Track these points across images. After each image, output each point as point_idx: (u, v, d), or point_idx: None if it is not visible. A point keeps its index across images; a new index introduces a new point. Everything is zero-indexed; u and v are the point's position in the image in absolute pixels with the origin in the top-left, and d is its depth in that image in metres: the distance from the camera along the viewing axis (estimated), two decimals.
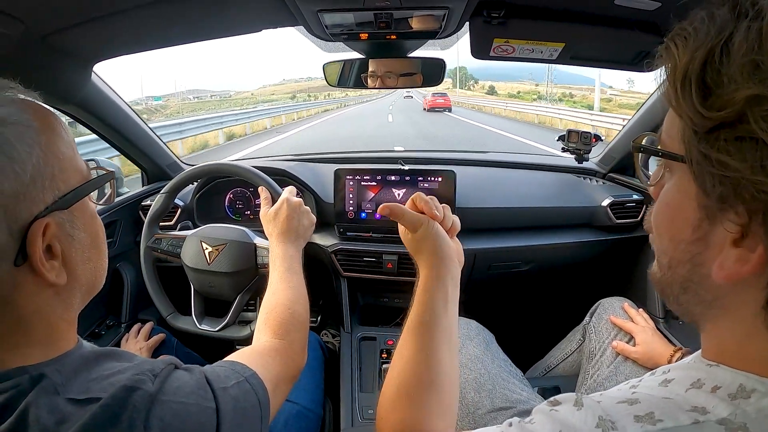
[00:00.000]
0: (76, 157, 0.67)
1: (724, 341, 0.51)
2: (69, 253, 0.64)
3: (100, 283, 0.74)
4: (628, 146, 1.98)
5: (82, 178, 0.67)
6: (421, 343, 0.76)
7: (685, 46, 0.45)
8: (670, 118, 0.51)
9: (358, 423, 1.53)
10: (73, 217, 0.65)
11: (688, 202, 0.48)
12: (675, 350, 1.35)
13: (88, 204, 0.70)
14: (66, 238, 0.63)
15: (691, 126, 0.45)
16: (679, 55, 0.46)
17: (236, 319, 1.49)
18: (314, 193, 1.95)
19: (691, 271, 0.50)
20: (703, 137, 0.44)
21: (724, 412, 0.44)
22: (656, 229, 0.56)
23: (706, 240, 0.48)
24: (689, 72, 0.44)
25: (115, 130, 1.82)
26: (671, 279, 0.54)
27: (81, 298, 0.69)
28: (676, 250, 0.52)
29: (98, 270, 0.72)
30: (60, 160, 0.63)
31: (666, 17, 1.16)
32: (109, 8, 1.11)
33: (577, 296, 1.91)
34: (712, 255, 0.47)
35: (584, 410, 0.50)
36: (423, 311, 0.80)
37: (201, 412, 0.64)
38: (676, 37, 0.47)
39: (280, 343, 0.98)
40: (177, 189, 1.62)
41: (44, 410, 0.54)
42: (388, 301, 2.06)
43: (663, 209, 0.54)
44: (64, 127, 0.66)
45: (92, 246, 0.70)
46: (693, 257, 0.50)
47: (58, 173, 0.62)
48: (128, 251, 1.96)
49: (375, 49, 1.56)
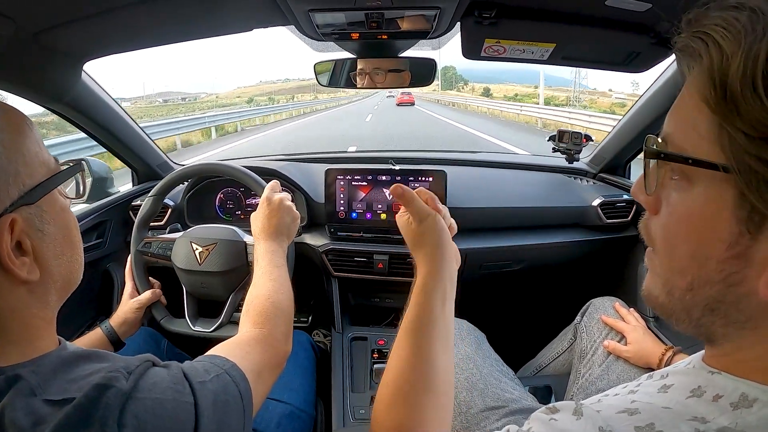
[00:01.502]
0: (41, 151, 0.66)
1: (740, 355, 0.48)
2: (40, 249, 0.63)
3: (77, 278, 0.73)
4: (618, 146, 2.00)
5: (49, 172, 0.67)
6: (418, 344, 0.75)
7: (737, 39, 0.40)
8: (689, 118, 0.46)
9: (349, 423, 1.53)
10: (41, 211, 0.64)
11: (723, 214, 0.43)
12: (666, 349, 1.36)
13: (58, 198, 0.69)
14: (35, 233, 0.63)
15: (743, 129, 0.40)
16: (730, 48, 0.41)
17: (230, 319, 1.48)
18: (305, 193, 1.95)
19: (724, 291, 0.45)
20: (763, 143, 0.39)
21: (724, 421, 0.43)
22: (667, 245, 0.51)
23: (746, 256, 0.43)
24: (752, 69, 0.39)
25: (105, 130, 1.80)
26: (692, 301, 0.49)
27: (57, 295, 0.68)
28: (702, 269, 0.46)
29: (73, 264, 0.71)
30: (24, 155, 0.62)
31: (657, 18, 1.17)
32: (100, 6, 1.10)
33: (568, 296, 1.92)
34: (753, 273, 0.43)
35: (584, 420, 0.49)
36: (420, 311, 0.78)
37: (178, 408, 0.63)
38: (719, 29, 0.42)
39: (260, 332, 0.97)
40: (165, 191, 1.61)
41: (20, 412, 0.54)
42: (379, 301, 2.06)
43: (680, 223, 0.48)
44: (28, 123, 0.65)
45: (64, 240, 0.69)
46: (728, 276, 0.44)
47: (22, 168, 0.62)
48: (118, 252, 1.94)
49: (366, 49, 1.56)
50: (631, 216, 1.90)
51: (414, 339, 0.76)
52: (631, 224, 1.92)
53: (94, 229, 1.82)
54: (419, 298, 0.80)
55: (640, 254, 1.87)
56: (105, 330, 1.36)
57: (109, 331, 1.37)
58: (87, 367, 0.62)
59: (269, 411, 1.37)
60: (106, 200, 1.90)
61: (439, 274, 0.82)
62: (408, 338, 0.76)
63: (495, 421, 1.26)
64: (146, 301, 1.48)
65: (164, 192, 1.61)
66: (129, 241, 1.60)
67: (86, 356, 0.65)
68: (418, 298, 0.80)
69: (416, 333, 0.76)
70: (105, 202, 1.89)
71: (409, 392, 0.71)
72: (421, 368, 0.73)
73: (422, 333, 0.76)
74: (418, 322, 0.77)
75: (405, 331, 0.78)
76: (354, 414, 1.56)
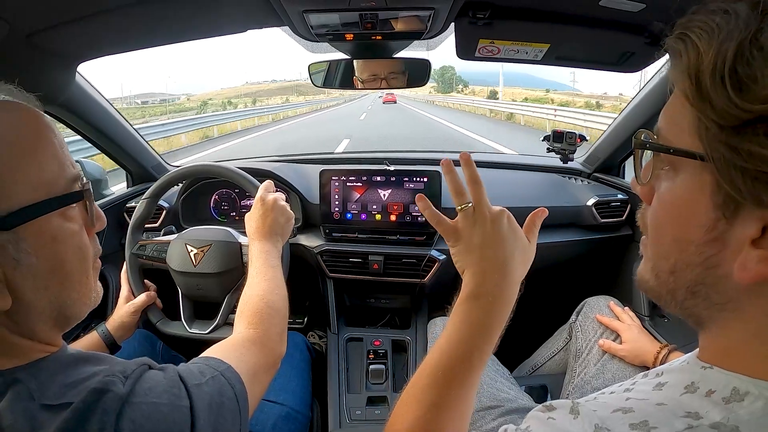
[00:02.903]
0: (42, 172, 0.60)
1: (728, 341, 0.50)
2: (13, 278, 0.58)
3: (77, 312, 0.68)
4: (612, 146, 2.00)
5: (46, 195, 0.60)
6: (443, 398, 0.66)
7: (710, 38, 0.43)
8: (675, 112, 0.49)
9: (345, 424, 1.53)
10: (17, 238, 0.57)
11: (702, 200, 0.46)
12: (661, 347, 1.36)
13: (50, 226, 0.61)
14: (9, 261, 0.57)
15: (716, 120, 0.43)
16: (703, 47, 0.44)
17: (226, 320, 1.48)
18: (300, 194, 1.94)
19: (703, 273, 0.48)
20: (732, 131, 0.42)
21: (717, 416, 0.44)
22: (655, 231, 0.54)
23: (722, 240, 0.46)
24: (720, 64, 0.42)
25: (100, 132, 1.80)
26: (675, 284, 0.52)
27: (48, 325, 0.64)
28: (683, 253, 0.49)
29: (64, 300, 0.64)
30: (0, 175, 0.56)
31: (650, 19, 1.17)
32: (94, 7, 1.10)
33: (564, 295, 1.92)
34: (730, 256, 0.45)
35: (581, 419, 0.50)
36: (455, 359, 0.68)
37: (174, 411, 0.63)
38: (697, 30, 0.45)
39: (254, 333, 0.97)
40: (159, 193, 1.61)
41: (19, 416, 0.54)
42: (375, 302, 2.05)
43: (666, 209, 0.52)
44: (36, 137, 0.61)
45: (51, 274, 0.62)
46: (706, 259, 0.47)
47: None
48: (113, 254, 1.93)
49: (361, 50, 1.57)
50: (625, 215, 1.91)
51: (439, 390, 0.67)
52: (625, 223, 1.92)
53: None
54: (456, 335, 0.70)
55: (635, 253, 1.88)
56: (101, 333, 1.36)
57: (106, 334, 1.36)
58: (84, 370, 0.62)
59: (265, 412, 1.37)
60: (101, 202, 1.89)
61: (489, 311, 0.71)
62: (432, 385, 0.67)
63: (491, 421, 1.26)
64: (141, 304, 1.47)
65: (158, 194, 1.61)
66: (124, 243, 1.59)
67: (84, 359, 0.64)
68: (454, 335, 0.70)
69: (443, 382, 0.67)
70: (99, 204, 1.86)
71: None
72: (435, 425, 0.65)
73: (450, 384, 0.67)
74: (449, 370, 0.68)
75: (431, 374, 0.68)
76: (350, 415, 1.56)
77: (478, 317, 0.70)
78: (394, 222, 1.82)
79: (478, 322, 0.70)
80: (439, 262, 1.77)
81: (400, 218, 1.82)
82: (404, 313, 2.01)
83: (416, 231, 1.82)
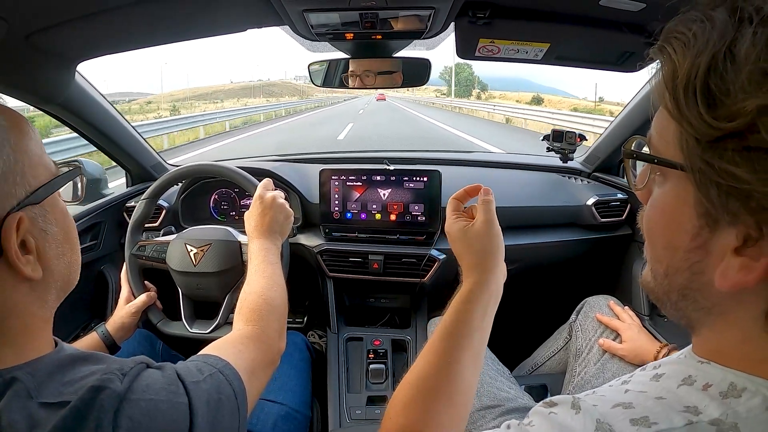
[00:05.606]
0: (43, 155, 0.68)
1: (719, 343, 0.50)
2: (43, 248, 0.65)
3: (75, 278, 0.74)
4: (612, 146, 2.00)
5: (51, 175, 0.68)
6: (449, 351, 0.75)
7: (685, 50, 0.43)
8: (661, 122, 0.49)
9: (345, 423, 1.53)
10: (45, 211, 0.66)
11: (686, 209, 0.47)
12: (661, 347, 1.36)
13: (59, 200, 0.71)
14: (39, 232, 0.64)
15: (693, 134, 0.43)
16: (678, 59, 0.44)
17: (227, 320, 1.48)
18: (299, 194, 1.94)
19: (690, 279, 0.49)
20: (707, 146, 0.42)
21: (715, 412, 0.44)
22: (649, 237, 0.55)
23: (706, 248, 0.46)
24: (692, 79, 0.42)
25: (99, 131, 1.79)
26: (668, 287, 0.53)
27: (56, 295, 0.69)
28: (673, 258, 0.51)
29: (72, 265, 0.73)
30: (29, 157, 0.64)
31: (651, 18, 1.17)
32: (94, 7, 1.09)
33: (563, 295, 1.92)
34: (712, 263, 0.46)
35: (582, 414, 0.50)
36: (459, 319, 0.78)
37: (172, 409, 0.63)
38: (674, 41, 0.45)
39: (252, 330, 0.97)
40: (158, 193, 1.61)
41: (18, 415, 0.54)
42: (375, 302, 2.05)
43: (656, 216, 0.53)
44: (31, 127, 0.67)
45: (65, 240, 0.70)
46: (692, 265, 0.48)
47: (28, 170, 0.63)
48: (112, 253, 1.93)
49: (361, 49, 1.56)
50: (625, 215, 1.91)
51: (446, 345, 0.76)
52: (625, 223, 1.93)
53: (88, 230, 1.82)
54: (461, 305, 0.79)
55: (635, 253, 1.89)
56: (101, 334, 1.36)
57: (105, 335, 1.36)
58: (82, 369, 0.62)
59: (265, 412, 1.37)
60: (100, 201, 1.89)
61: (487, 287, 0.81)
62: (440, 343, 0.76)
63: (491, 420, 1.26)
64: (142, 305, 1.47)
65: (158, 194, 1.61)
66: (123, 242, 1.59)
67: (82, 358, 0.65)
68: (459, 306, 0.79)
69: (449, 340, 0.76)
70: (99, 203, 1.88)
71: (427, 396, 0.71)
72: (445, 375, 0.73)
73: (456, 342, 0.76)
74: (454, 329, 0.77)
75: (439, 335, 0.77)
76: (350, 414, 1.56)
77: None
78: (394, 221, 1.82)
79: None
80: (439, 261, 1.76)
81: (400, 218, 1.82)
82: (404, 312, 2.01)
83: (416, 230, 1.82)
